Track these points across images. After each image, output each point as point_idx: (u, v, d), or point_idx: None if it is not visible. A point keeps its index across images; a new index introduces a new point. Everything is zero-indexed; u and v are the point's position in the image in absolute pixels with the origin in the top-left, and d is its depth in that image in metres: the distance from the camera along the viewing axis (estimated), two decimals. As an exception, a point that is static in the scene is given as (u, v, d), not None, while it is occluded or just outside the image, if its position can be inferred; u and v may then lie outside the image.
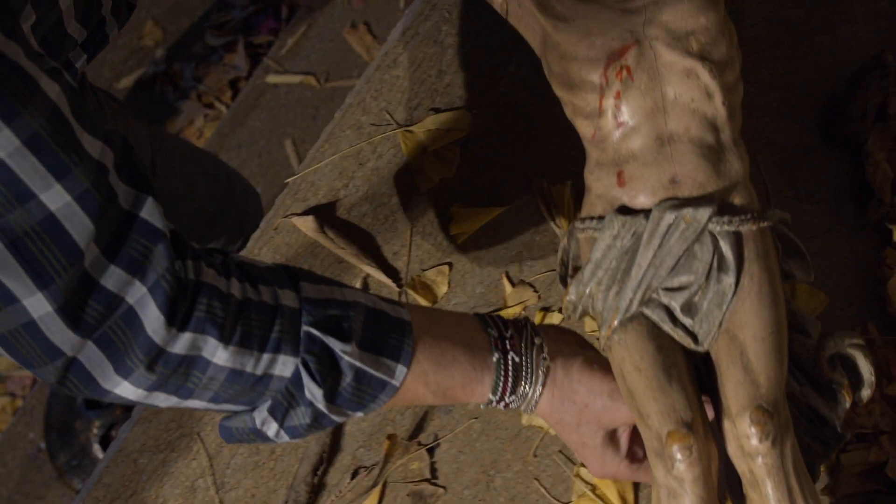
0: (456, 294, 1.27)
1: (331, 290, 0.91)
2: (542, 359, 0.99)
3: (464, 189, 1.28)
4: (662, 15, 1.02)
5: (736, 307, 0.99)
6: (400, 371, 0.91)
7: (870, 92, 1.28)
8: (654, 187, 1.00)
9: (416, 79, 1.30)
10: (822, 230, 1.28)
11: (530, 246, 1.27)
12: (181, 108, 2.40)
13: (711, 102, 1.01)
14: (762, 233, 1.01)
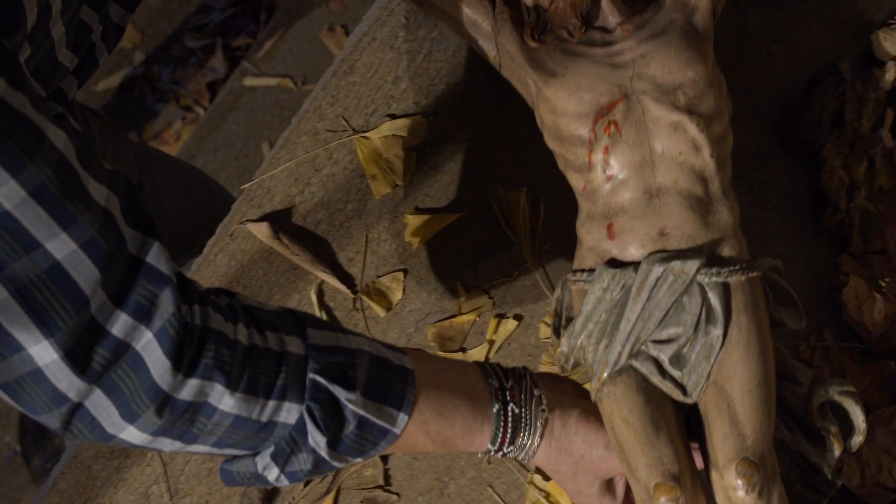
0: (410, 300, 1.27)
1: (336, 336, 0.92)
2: (540, 410, 1.00)
3: (419, 195, 1.28)
4: (650, 69, 1.04)
5: (724, 359, 1.00)
6: (402, 419, 0.92)
7: (825, 99, 1.27)
8: (643, 240, 1.02)
9: (373, 85, 1.30)
10: (778, 237, 1.28)
11: (485, 252, 1.27)
12: (159, 110, 2.40)
13: (699, 155, 1.02)
14: (751, 283, 1.02)
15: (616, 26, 1.08)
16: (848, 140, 1.27)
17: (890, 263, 1.26)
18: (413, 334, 1.26)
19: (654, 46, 1.05)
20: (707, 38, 1.09)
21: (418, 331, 1.26)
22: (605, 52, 1.07)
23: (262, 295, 1.26)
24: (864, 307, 1.25)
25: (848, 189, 1.26)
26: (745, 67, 1.31)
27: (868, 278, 1.26)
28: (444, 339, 1.25)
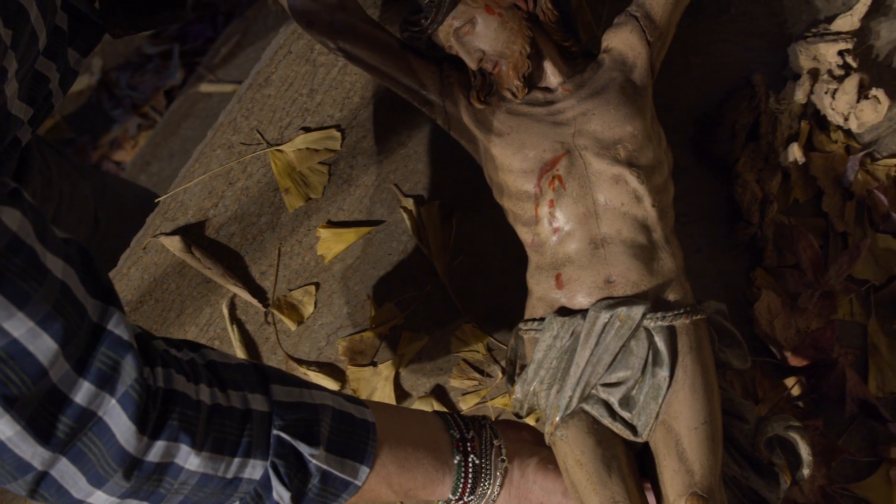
0: (322, 314, 1.27)
1: (300, 392, 0.93)
2: (500, 460, 1.02)
3: (332, 208, 1.28)
4: (590, 125, 1.09)
5: (671, 399, 1.05)
6: (363, 472, 0.94)
7: (738, 112, 1.27)
8: (590, 288, 1.07)
9: (288, 97, 1.30)
10: (692, 250, 1.28)
11: (398, 266, 1.27)
12: (116, 117, 2.40)
13: (641, 205, 1.07)
14: (696, 326, 1.07)
15: (558, 86, 1.13)
16: (762, 153, 1.27)
17: (803, 278, 1.26)
18: (324, 348, 1.26)
19: (595, 104, 1.10)
20: (645, 94, 1.14)
21: (329, 345, 1.26)
22: (547, 110, 1.12)
23: (174, 309, 1.26)
24: (777, 322, 1.24)
25: (760, 203, 1.26)
26: (662, 80, 1.30)
27: (782, 292, 1.25)
28: (354, 353, 1.25)
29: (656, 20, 1.16)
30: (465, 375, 1.25)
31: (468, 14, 1.11)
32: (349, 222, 1.28)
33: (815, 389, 1.25)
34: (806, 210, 1.29)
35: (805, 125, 1.28)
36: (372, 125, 1.29)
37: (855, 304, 1.27)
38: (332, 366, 1.26)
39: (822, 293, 1.25)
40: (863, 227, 1.28)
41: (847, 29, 1.28)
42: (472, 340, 1.25)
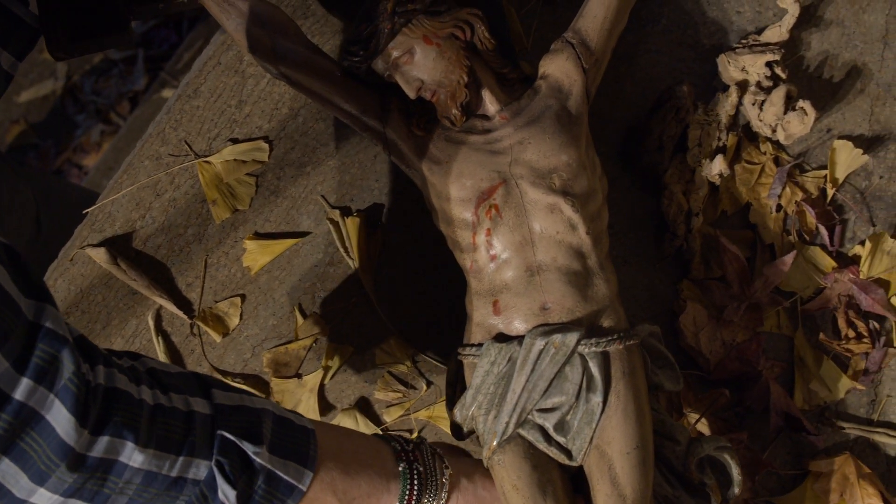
0: (248, 326, 1.27)
1: (241, 397, 0.94)
2: (444, 468, 1.03)
3: (259, 220, 1.28)
4: (526, 154, 1.11)
5: (604, 424, 1.07)
6: (307, 476, 0.94)
7: (665, 123, 1.27)
8: (526, 315, 1.09)
9: (217, 109, 1.30)
10: (619, 262, 1.28)
11: (324, 278, 1.27)
12: (80, 121, 2.40)
13: (576, 233, 1.10)
14: (629, 350, 1.09)
15: (495, 114, 1.15)
16: (690, 165, 1.27)
17: (729, 290, 1.26)
18: (250, 360, 1.26)
19: (531, 133, 1.12)
20: (580, 122, 1.15)
21: (255, 356, 1.26)
22: (485, 139, 1.14)
23: (100, 320, 1.26)
24: (702, 335, 1.24)
25: (686, 215, 1.25)
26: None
27: (708, 304, 1.25)
28: (279, 365, 1.25)
29: (592, 47, 1.18)
30: (390, 388, 1.25)
31: (407, 44, 1.12)
32: (276, 234, 1.28)
33: (739, 402, 1.24)
34: (736, 222, 1.29)
35: (733, 137, 1.27)
36: (300, 136, 1.29)
37: (782, 316, 1.27)
38: (256, 378, 1.26)
39: (749, 305, 1.25)
40: (791, 240, 1.28)
41: (776, 40, 1.28)
42: (397, 353, 1.25)
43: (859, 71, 1.32)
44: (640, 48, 1.32)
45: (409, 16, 1.12)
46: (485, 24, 1.15)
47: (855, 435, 1.25)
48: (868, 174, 1.30)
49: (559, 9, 1.32)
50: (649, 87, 1.30)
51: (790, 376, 1.26)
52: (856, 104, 1.31)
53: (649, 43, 1.32)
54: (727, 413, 1.25)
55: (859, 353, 1.25)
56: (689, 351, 1.25)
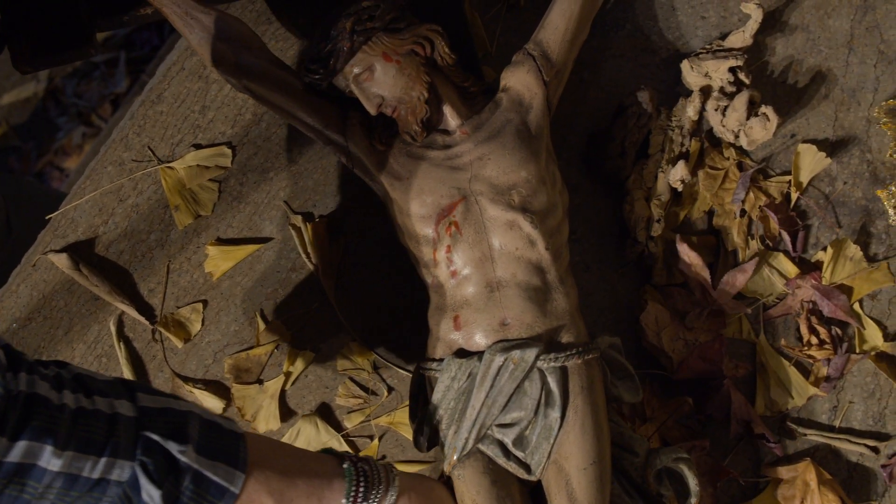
0: (210, 332, 1.26)
1: (167, 400, 0.93)
2: (391, 468, 1.02)
3: (222, 226, 1.28)
4: (486, 171, 1.12)
5: (562, 439, 1.08)
6: (238, 477, 0.92)
7: (627, 129, 1.27)
8: (486, 331, 1.10)
9: (180, 114, 1.30)
10: (581, 269, 1.27)
11: (286, 283, 1.27)
12: (62, 124, 2.40)
13: (535, 249, 1.10)
14: (588, 364, 1.10)
15: (456, 129, 1.16)
16: (653, 171, 1.26)
17: (691, 296, 1.26)
18: (211, 366, 1.26)
19: (490, 148, 1.13)
20: (541, 136, 1.16)
21: (216, 362, 1.26)
22: (445, 154, 1.14)
23: (62, 326, 1.26)
24: (664, 333, 1.24)
25: (647, 221, 1.25)
26: (555, 97, 1.30)
27: (670, 309, 1.25)
28: (240, 371, 1.25)
29: (553, 59, 1.18)
30: (351, 393, 1.25)
31: (367, 61, 1.13)
32: (238, 239, 1.28)
33: (700, 410, 1.24)
34: (701, 227, 1.29)
35: (696, 142, 1.27)
36: (263, 142, 1.29)
37: (744, 322, 1.26)
38: (217, 384, 1.26)
39: (711, 311, 1.25)
40: (754, 245, 1.27)
41: (739, 45, 1.28)
42: (359, 359, 1.25)
43: (824, 76, 1.31)
44: (604, 54, 1.31)
45: (368, 34, 1.12)
46: (445, 39, 1.16)
47: (817, 441, 1.25)
48: (832, 180, 1.30)
49: (523, 13, 1.32)
50: (613, 92, 1.30)
51: (752, 381, 1.26)
52: (820, 109, 1.31)
53: (613, 48, 1.32)
54: (690, 420, 1.24)
55: (821, 360, 1.25)
56: (651, 350, 1.25)
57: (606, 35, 1.32)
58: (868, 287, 1.27)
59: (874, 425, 1.26)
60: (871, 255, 1.28)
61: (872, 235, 1.29)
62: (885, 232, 1.29)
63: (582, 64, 1.31)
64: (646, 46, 1.32)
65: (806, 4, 1.33)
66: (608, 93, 1.30)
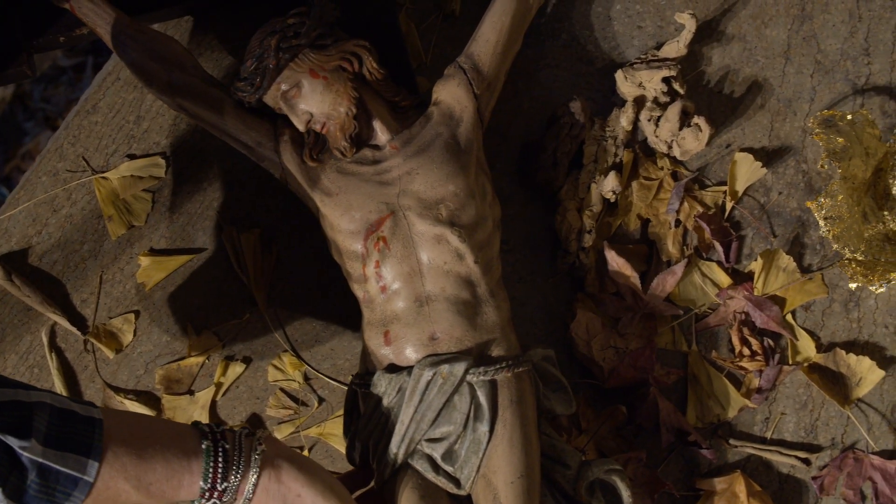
0: (141, 342, 1.26)
1: (14, 392, 0.91)
2: (256, 444, 0.98)
3: (155, 236, 1.28)
4: (414, 185, 1.12)
5: (491, 453, 1.08)
6: (91, 466, 0.91)
7: (559, 140, 1.26)
8: (416, 345, 1.10)
9: (115, 125, 1.30)
10: (514, 279, 1.27)
11: (218, 294, 1.27)
12: (28, 128, 2.40)
13: (464, 263, 1.11)
14: (518, 378, 1.10)
15: (386, 144, 1.16)
16: (585, 182, 1.26)
17: (623, 303, 1.25)
18: (143, 376, 1.26)
19: (419, 163, 1.13)
20: (470, 149, 1.16)
21: (148, 373, 1.26)
22: (374, 169, 1.14)
23: (-5, 336, 1.27)
24: (594, 342, 1.24)
25: (578, 232, 1.25)
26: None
27: (603, 316, 1.25)
28: (171, 382, 1.25)
29: (484, 72, 1.18)
30: (282, 404, 1.25)
31: (294, 78, 1.13)
32: (171, 250, 1.28)
33: (631, 420, 1.24)
34: (635, 237, 1.28)
35: (629, 153, 1.27)
36: (198, 153, 1.29)
37: (677, 332, 1.26)
38: (149, 394, 1.26)
39: (643, 315, 1.24)
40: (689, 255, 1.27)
41: (674, 55, 1.27)
42: (290, 369, 1.25)
43: (760, 86, 1.31)
44: (539, 63, 1.31)
45: (294, 51, 1.13)
46: (372, 54, 1.16)
47: (748, 453, 1.25)
48: (767, 190, 1.29)
49: (459, 22, 1.31)
50: (548, 102, 1.30)
51: (684, 390, 1.26)
52: (756, 119, 1.30)
53: (549, 58, 1.31)
54: (625, 430, 1.24)
55: (753, 371, 1.24)
56: (583, 361, 1.24)
57: (542, 45, 1.31)
58: (802, 298, 1.26)
59: (806, 437, 1.26)
60: (805, 266, 1.28)
61: (807, 246, 1.28)
62: (819, 243, 1.28)
63: (517, 74, 1.30)
64: (581, 56, 1.31)
65: (743, 14, 1.32)
66: (543, 103, 1.30)
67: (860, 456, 1.24)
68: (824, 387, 1.25)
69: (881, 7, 1.32)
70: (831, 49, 1.31)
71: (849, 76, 1.31)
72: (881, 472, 1.23)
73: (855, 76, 1.31)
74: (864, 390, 1.25)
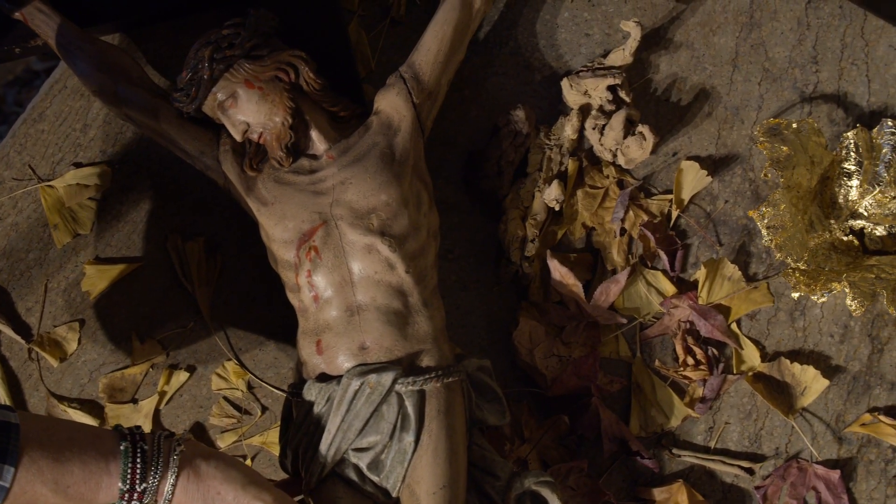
0: (86, 351, 1.26)
1: None
2: (175, 444, 0.99)
3: (100, 244, 1.28)
4: (347, 195, 1.13)
5: (415, 463, 1.08)
6: (7, 472, 0.91)
7: (502, 148, 1.26)
8: (346, 355, 1.10)
9: (61, 133, 1.30)
10: (458, 288, 1.27)
11: (162, 302, 1.27)
12: (3, 133, 2.40)
13: (394, 273, 1.11)
14: (447, 388, 1.10)
15: (323, 153, 1.16)
16: (530, 190, 1.26)
17: (567, 311, 1.25)
18: (87, 385, 1.26)
19: (353, 172, 1.14)
20: (406, 160, 1.16)
21: (92, 381, 1.26)
22: (310, 179, 1.15)
23: (-60, 344, 1.27)
24: (537, 350, 1.23)
25: (521, 241, 1.25)
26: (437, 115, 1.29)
27: (546, 325, 1.24)
28: (114, 390, 1.25)
29: (424, 81, 1.18)
30: (225, 413, 1.25)
31: (229, 89, 1.14)
32: (116, 258, 1.28)
33: (574, 429, 1.23)
34: (580, 246, 1.28)
35: (574, 161, 1.26)
36: (143, 161, 1.29)
37: (621, 341, 1.26)
38: (92, 403, 1.26)
39: (587, 324, 1.24)
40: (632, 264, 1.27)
41: (619, 63, 1.27)
42: (233, 378, 1.25)
43: (708, 94, 1.31)
44: (486, 71, 1.31)
45: (228, 62, 1.13)
46: (309, 65, 1.16)
47: (692, 462, 1.24)
48: (713, 198, 1.29)
49: (407, 30, 1.31)
50: (495, 110, 1.30)
51: (628, 400, 1.25)
52: (703, 127, 1.30)
53: (496, 66, 1.31)
54: (568, 440, 1.24)
55: (697, 380, 1.24)
56: (526, 369, 1.24)
57: (489, 52, 1.31)
58: (747, 307, 1.26)
59: (750, 446, 1.25)
60: (750, 275, 1.28)
61: (753, 255, 1.28)
62: (765, 251, 1.28)
63: (464, 81, 1.30)
64: (529, 64, 1.31)
65: (691, 22, 1.32)
66: (490, 111, 1.30)
67: (804, 465, 1.24)
68: (768, 396, 1.24)
69: (830, 15, 1.31)
70: (779, 57, 1.31)
71: (797, 84, 1.31)
72: (825, 482, 1.23)
73: (803, 84, 1.31)
74: (808, 399, 1.25)
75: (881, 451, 1.25)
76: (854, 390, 1.26)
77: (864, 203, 1.26)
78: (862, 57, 1.31)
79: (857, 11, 1.31)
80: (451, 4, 1.21)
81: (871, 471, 1.24)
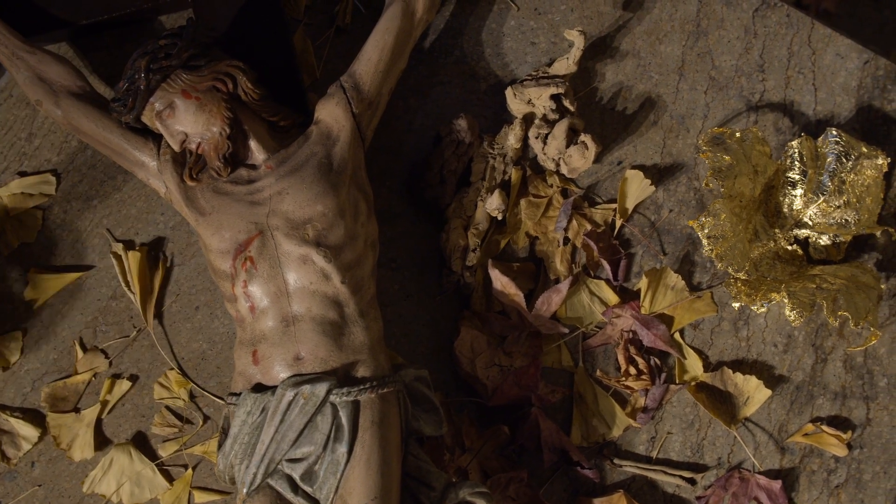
0: (29, 360, 1.27)
1: None
2: None
3: (44, 253, 1.28)
4: (283, 205, 1.13)
5: (348, 474, 1.08)
6: None
7: (444, 158, 1.26)
8: (282, 365, 1.10)
9: (6, 142, 1.30)
10: (401, 297, 1.27)
11: (106, 311, 1.27)
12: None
13: (330, 283, 1.11)
14: (382, 399, 1.10)
15: (262, 163, 1.16)
16: (473, 199, 1.26)
17: (509, 321, 1.25)
18: (29, 394, 1.26)
19: (290, 183, 1.14)
20: (343, 170, 1.16)
21: (34, 391, 1.26)
22: (248, 189, 1.15)
23: None
24: (479, 360, 1.23)
25: (462, 250, 1.24)
26: (381, 123, 1.29)
27: (489, 334, 1.24)
28: (57, 400, 1.25)
29: (364, 90, 1.18)
30: (167, 422, 1.25)
31: (167, 98, 1.14)
32: (60, 267, 1.28)
33: (514, 439, 1.23)
34: (524, 255, 1.28)
35: (517, 170, 1.26)
36: (88, 169, 1.29)
37: (564, 351, 1.26)
38: (35, 412, 1.26)
39: (529, 334, 1.24)
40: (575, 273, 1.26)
41: (563, 72, 1.27)
42: (176, 387, 1.25)
43: (654, 102, 1.30)
44: (431, 80, 1.31)
45: (165, 72, 1.13)
46: (248, 75, 1.16)
47: (633, 472, 1.24)
48: (658, 207, 1.29)
49: (352, 38, 1.31)
50: (440, 119, 1.30)
51: (569, 409, 1.25)
52: (648, 136, 1.30)
53: (441, 75, 1.31)
54: (508, 450, 1.24)
55: (639, 390, 1.24)
56: (468, 379, 1.24)
57: (434, 62, 1.31)
58: (690, 316, 1.26)
59: (692, 456, 1.25)
60: (694, 284, 1.27)
61: (697, 264, 1.28)
62: (709, 261, 1.28)
63: (409, 91, 1.30)
64: (474, 73, 1.31)
65: (638, 30, 1.32)
66: (435, 120, 1.30)
67: (746, 475, 1.24)
68: (711, 406, 1.24)
69: (777, 24, 1.31)
70: (726, 65, 1.31)
71: (743, 93, 1.30)
72: (766, 492, 1.23)
73: (749, 93, 1.30)
74: (751, 409, 1.24)
75: (823, 461, 1.24)
76: (797, 400, 1.25)
77: (809, 212, 1.25)
78: (809, 65, 1.30)
79: (805, 20, 1.31)
80: (392, 13, 1.21)
81: (813, 481, 1.24)
